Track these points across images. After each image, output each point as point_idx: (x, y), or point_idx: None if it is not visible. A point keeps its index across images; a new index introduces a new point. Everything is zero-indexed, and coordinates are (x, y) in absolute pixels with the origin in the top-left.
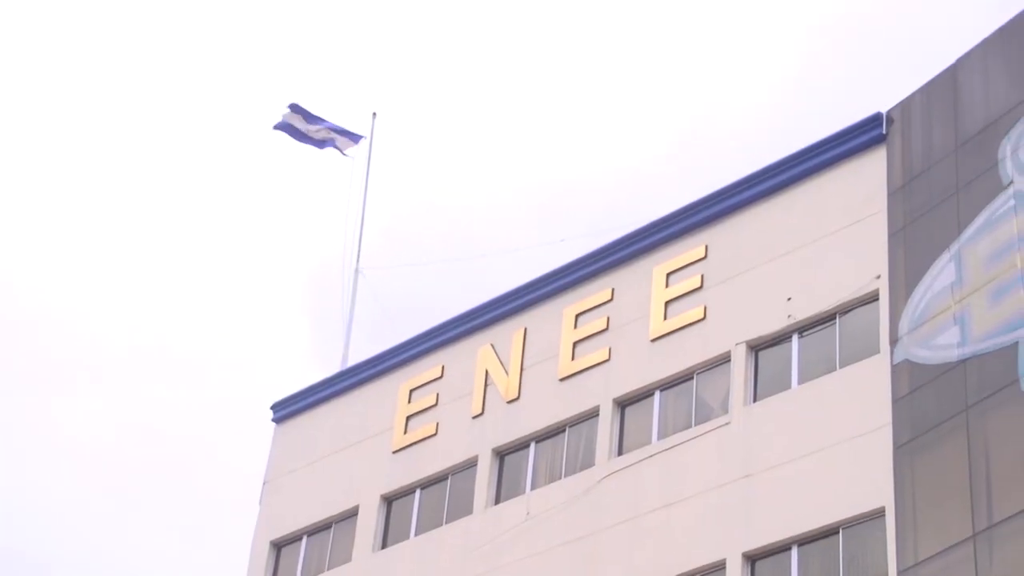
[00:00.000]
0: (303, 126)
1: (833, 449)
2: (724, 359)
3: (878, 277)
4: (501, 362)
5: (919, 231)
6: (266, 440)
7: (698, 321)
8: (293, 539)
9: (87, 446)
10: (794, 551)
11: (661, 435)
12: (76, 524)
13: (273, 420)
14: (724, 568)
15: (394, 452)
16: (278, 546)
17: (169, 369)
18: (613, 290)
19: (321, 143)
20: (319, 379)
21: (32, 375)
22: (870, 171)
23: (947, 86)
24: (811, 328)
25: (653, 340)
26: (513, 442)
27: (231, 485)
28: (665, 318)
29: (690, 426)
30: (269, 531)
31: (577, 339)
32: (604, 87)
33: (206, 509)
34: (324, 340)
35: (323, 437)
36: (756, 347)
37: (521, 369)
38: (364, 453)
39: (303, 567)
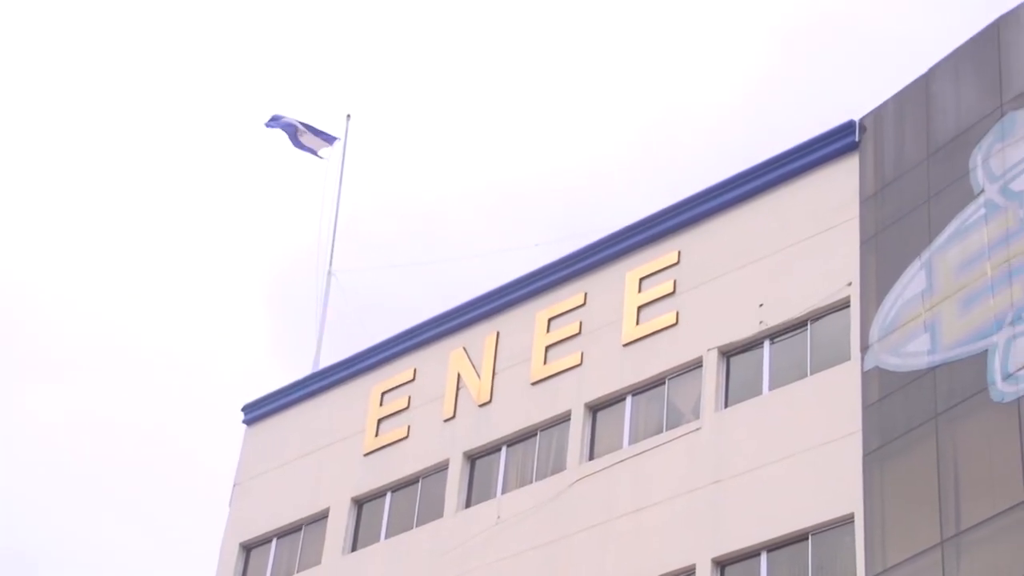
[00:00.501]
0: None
1: (803, 455)
2: (696, 364)
3: (849, 284)
4: (473, 365)
5: (890, 239)
6: (237, 441)
7: (670, 326)
8: (263, 541)
9: (57, 444)
10: (763, 557)
11: (632, 440)
12: (57, 523)
13: (244, 422)
14: (694, 573)
15: (365, 455)
16: (248, 548)
17: (142, 368)
18: (586, 294)
19: (297, 143)
20: (289, 381)
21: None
22: (842, 178)
23: (919, 95)
24: (782, 334)
25: (625, 345)
26: (484, 446)
27: (202, 486)
28: (637, 323)
29: (661, 431)
30: (239, 533)
31: (549, 343)
32: (575, 89)
33: (178, 509)
34: (289, 341)
35: (294, 439)
36: (728, 353)
37: (493, 373)
38: (335, 455)
39: (272, 569)
